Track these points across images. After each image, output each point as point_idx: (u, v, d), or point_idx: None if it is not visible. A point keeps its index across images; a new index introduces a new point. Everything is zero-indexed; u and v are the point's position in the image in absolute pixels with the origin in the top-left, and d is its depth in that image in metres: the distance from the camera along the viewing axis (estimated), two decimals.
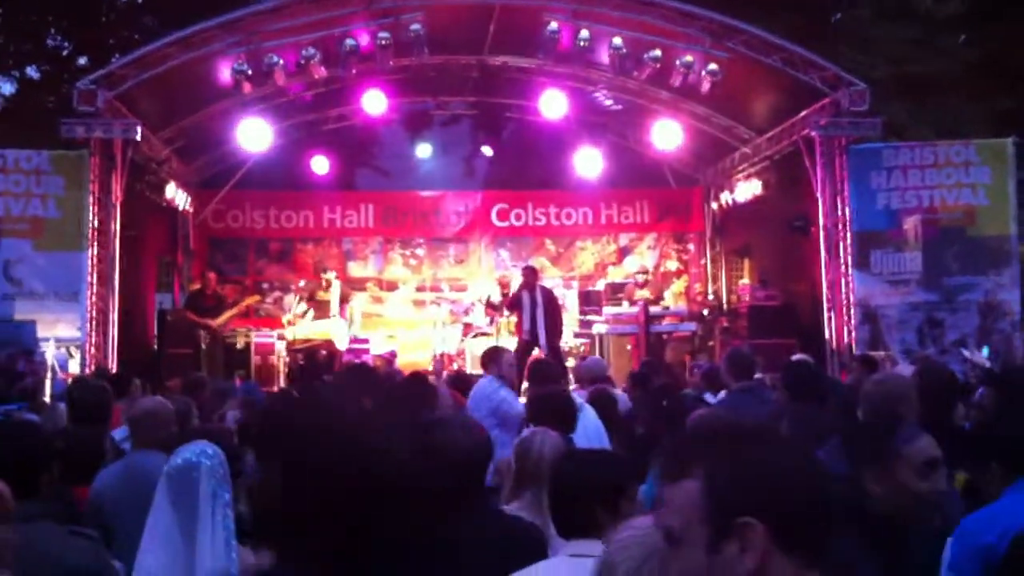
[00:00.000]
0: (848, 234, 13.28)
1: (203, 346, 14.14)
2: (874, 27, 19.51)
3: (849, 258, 13.27)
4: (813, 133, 13.37)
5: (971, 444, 4.13)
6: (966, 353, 10.72)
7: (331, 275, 15.42)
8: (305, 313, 15.02)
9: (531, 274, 13.71)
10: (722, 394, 7.14)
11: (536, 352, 12.46)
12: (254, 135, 14.71)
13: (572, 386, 9.34)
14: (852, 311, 13.19)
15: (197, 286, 16.03)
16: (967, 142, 13.82)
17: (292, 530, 1.88)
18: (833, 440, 3.86)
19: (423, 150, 17.74)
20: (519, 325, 13.38)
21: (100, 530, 4.25)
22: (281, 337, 15.05)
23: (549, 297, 13.48)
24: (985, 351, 11.07)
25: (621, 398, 7.39)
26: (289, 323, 15.06)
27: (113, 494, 4.49)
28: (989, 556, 2.86)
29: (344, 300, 15.36)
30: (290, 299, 16.38)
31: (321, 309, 14.98)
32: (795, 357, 8.08)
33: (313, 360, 14.28)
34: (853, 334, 13.11)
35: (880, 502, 2.97)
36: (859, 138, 13.35)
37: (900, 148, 13.77)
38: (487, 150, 17.84)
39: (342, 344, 14.88)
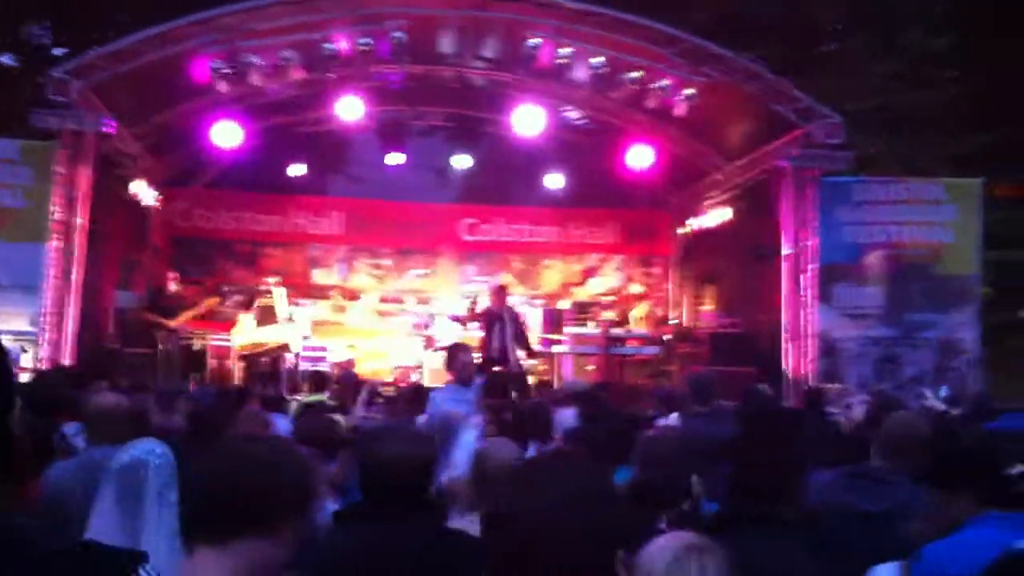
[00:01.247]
0: (812, 266, 13.36)
1: (160, 347, 13.95)
2: (861, 60, 19.72)
3: (812, 290, 13.34)
4: (784, 163, 13.47)
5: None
6: (927, 393, 10.81)
7: (273, 280, 15.26)
8: (242, 321, 14.82)
9: (501, 293, 13.70)
10: (674, 416, 7.16)
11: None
12: (226, 134, 14.63)
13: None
14: (811, 342, 13.27)
15: (158, 285, 15.88)
16: (937, 180, 14.03)
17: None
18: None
19: (396, 159, 17.69)
20: (486, 343, 13.18)
21: (56, 524, 4.20)
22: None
23: (517, 317, 13.45)
24: (943, 391, 11.15)
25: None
26: (232, 329, 14.89)
27: (68, 489, 4.43)
28: None
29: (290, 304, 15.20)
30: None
31: (266, 315, 14.76)
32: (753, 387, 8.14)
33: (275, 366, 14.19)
34: (811, 365, 13.18)
35: None
36: (830, 171, 13.46)
37: (870, 183, 13.91)
38: (463, 160, 17.77)
39: (295, 349, 14.79)
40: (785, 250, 13.51)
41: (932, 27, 19.60)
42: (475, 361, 7.99)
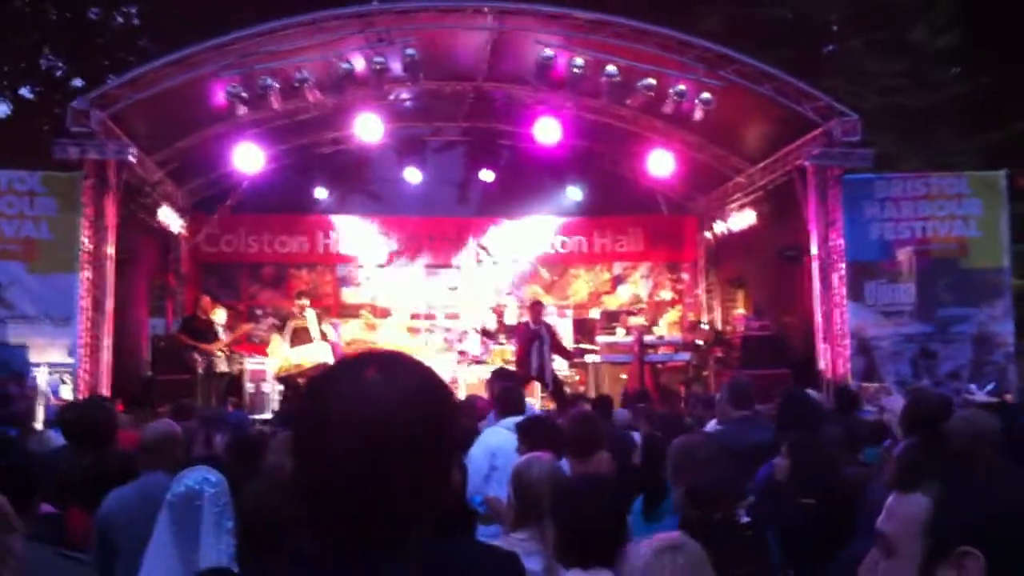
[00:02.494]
0: (842, 264, 13.27)
1: (199, 371, 13.95)
2: (866, 59, 19.62)
3: (843, 289, 13.25)
4: (806, 163, 13.41)
5: None
6: (973, 389, 10.69)
7: (305, 301, 15.22)
8: (278, 345, 14.81)
9: (537, 309, 13.81)
10: (712, 422, 7.11)
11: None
12: (248, 158, 14.70)
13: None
14: (845, 342, 13.17)
15: (190, 311, 15.90)
16: (959, 174, 13.89)
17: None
18: None
19: (417, 175, 17.70)
20: (522, 358, 13.30)
21: (106, 551, 4.21)
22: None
23: (553, 333, 13.66)
24: (989, 386, 11.02)
25: (620, 413, 7.32)
26: (271, 353, 14.86)
27: (122, 517, 4.42)
28: None
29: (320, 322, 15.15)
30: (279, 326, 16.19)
31: (300, 336, 14.75)
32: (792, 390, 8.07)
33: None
34: (847, 365, 13.08)
35: None
36: (852, 168, 13.37)
37: (892, 179, 13.80)
38: (487, 174, 17.79)
39: None
40: (813, 250, 13.42)
41: (936, 25, 19.49)
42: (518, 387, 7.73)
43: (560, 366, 15.48)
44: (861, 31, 19.83)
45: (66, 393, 11.85)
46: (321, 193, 17.17)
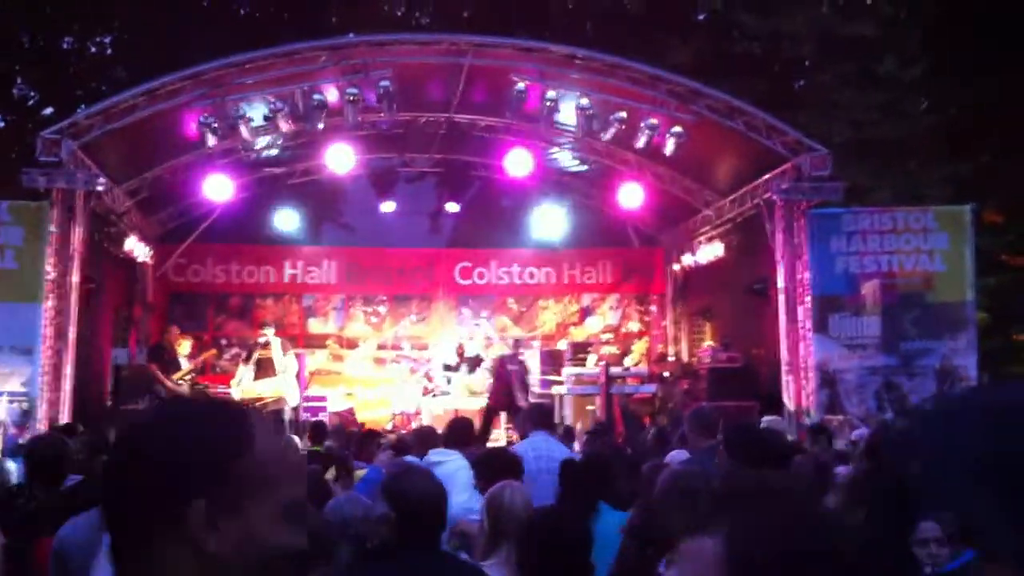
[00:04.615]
0: (808, 297, 13.38)
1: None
2: (836, 92, 19.86)
3: (808, 322, 13.36)
4: (774, 197, 13.54)
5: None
6: None
7: (269, 329, 15.12)
8: (242, 375, 14.70)
9: (518, 347, 14.78)
10: (673, 453, 7.12)
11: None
12: (217, 187, 14.67)
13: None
14: (810, 375, 13.26)
15: (156, 340, 15.79)
16: (925, 208, 14.06)
17: None
18: None
19: (388, 206, 17.72)
20: (498, 391, 14.08)
21: None
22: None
23: (525, 369, 14.44)
24: None
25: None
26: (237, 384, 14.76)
27: (76, 545, 4.38)
28: None
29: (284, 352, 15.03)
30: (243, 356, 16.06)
31: (264, 367, 14.64)
32: (766, 419, 8.12)
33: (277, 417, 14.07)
34: (811, 398, 13.16)
35: None
36: (820, 203, 13.52)
37: (860, 213, 13.95)
38: (452, 206, 17.89)
39: (293, 401, 14.63)
40: (780, 283, 13.53)
41: (905, 57, 19.77)
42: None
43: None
44: (831, 64, 20.08)
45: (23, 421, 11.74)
46: (290, 223, 17.11)
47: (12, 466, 6.35)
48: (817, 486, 6.19)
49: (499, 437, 14.06)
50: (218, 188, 14.73)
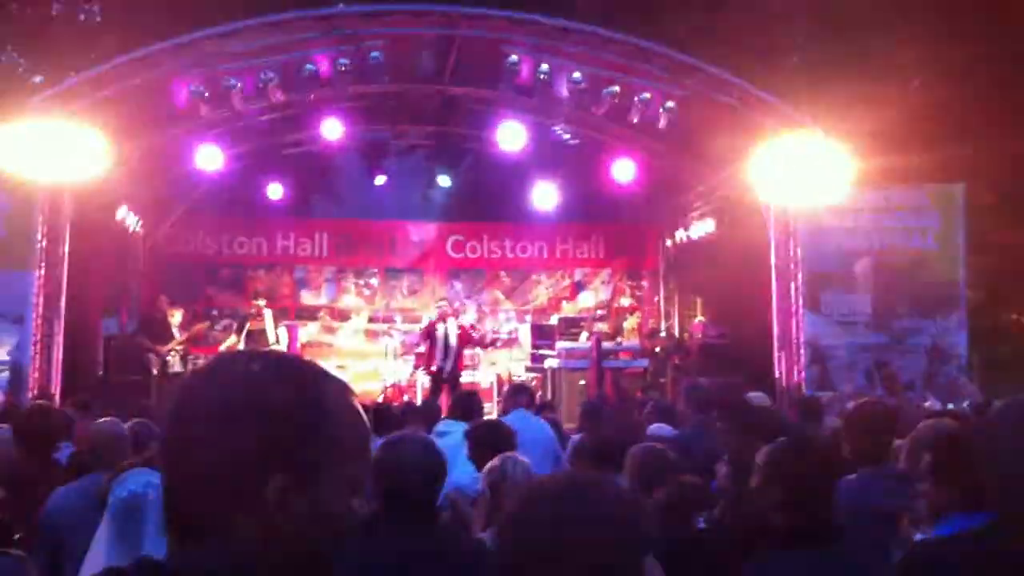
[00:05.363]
0: (799, 274, 13.38)
1: (154, 372, 13.80)
2: (828, 72, 19.75)
3: (800, 298, 13.36)
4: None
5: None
6: (929, 399, 10.81)
7: (261, 301, 15.07)
8: (234, 346, 14.63)
9: (448, 308, 14.71)
10: (655, 426, 7.14)
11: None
12: (208, 158, 14.59)
13: None
14: (802, 351, 13.27)
15: (147, 311, 15.74)
16: (918, 186, 14.04)
17: None
18: None
19: (380, 179, 17.66)
20: (429, 356, 14.27)
21: (52, 551, 4.16)
22: None
23: (464, 333, 14.48)
24: (967, 401, 11.11)
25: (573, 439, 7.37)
26: None
27: (67, 515, 4.38)
28: None
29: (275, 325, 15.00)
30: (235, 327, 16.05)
31: (256, 338, 14.58)
32: (751, 395, 8.10)
33: None
34: (802, 374, 13.18)
35: None
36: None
37: (853, 191, 13.92)
38: (444, 180, 17.85)
39: None
40: (772, 259, 13.52)
41: (895, 39, 19.65)
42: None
43: (518, 370, 15.68)
44: (821, 44, 19.97)
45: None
46: (280, 193, 17.03)
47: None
48: None
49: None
50: (209, 158, 14.64)
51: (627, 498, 1.81)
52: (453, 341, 14.22)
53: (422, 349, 16.10)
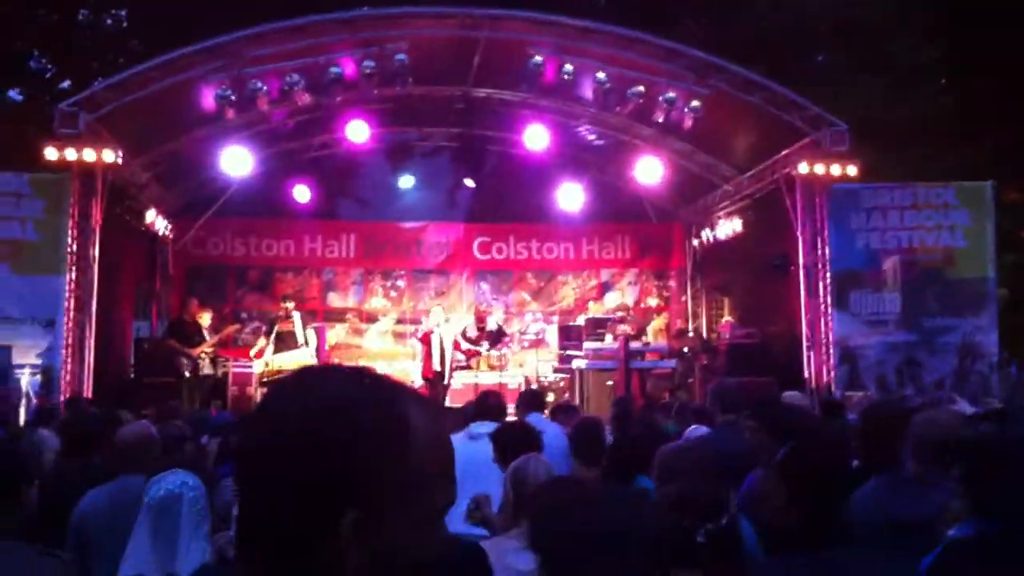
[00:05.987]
0: (827, 274, 13.32)
1: (185, 375, 13.88)
2: (851, 73, 19.68)
3: (828, 297, 13.30)
4: (793, 172, 13.44)
5: None
6: (956, 398, 10.68)
7: (290, 303, 15.12)
8: (264, 348, 14.70)
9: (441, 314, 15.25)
10: (697, 428, 7.09)
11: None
12: (236, 161, 14.67)
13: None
14: (831, 351, 13.20)
15: (177, 314, 15.83)
16: (946, 184, 13.92)
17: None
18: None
19: (405, 181, 17.71)
20: (428, 359, 14.67)
21: (82, 552, 4.20)
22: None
23: (455, 343, 15.02)
24: (994, 401, 10.99)
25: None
26: (256, 355, 14.79)
27: (98, 517, 4.42)
28: None
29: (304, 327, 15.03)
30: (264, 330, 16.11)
31: (285, 340, 14.65)
32: (787, 394, 8.07)
33: None
34: (832, 374, 13.11)
35: None
36: (839, 178, 13.41)
37: (879, 189, 13.84)
38: (469, 182, 17.88)
39: None
40: (799, 259, 13.46)
41: (918, 38, 19.52)
42: None
43: (545, 371, 15.68)
44: (844, 45, 19.89)
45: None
46: (307, 195, 17.11)
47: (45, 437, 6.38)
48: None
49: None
50: (236, 162, 14.72)
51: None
52: (448, 347, 14.65)
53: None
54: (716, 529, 3.66)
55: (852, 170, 13.33)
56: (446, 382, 14.65)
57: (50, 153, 12.34)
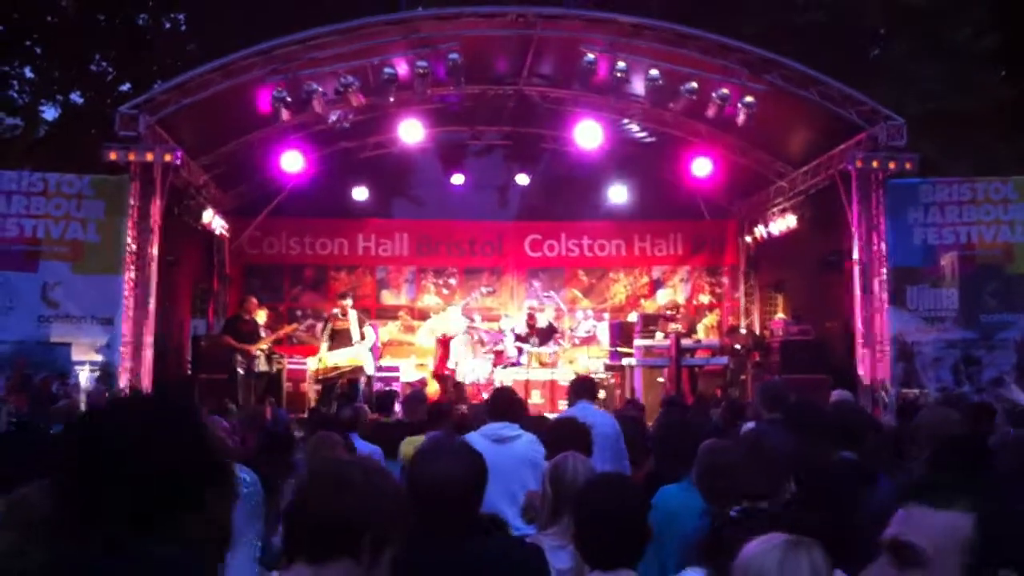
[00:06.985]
0: (884, 270, 13.17)
1: (240, 372, 14.08)
2: (909, 64, 19.38)
3: (885, 294, 13.15)
4: (850, 168, 13.29)
5: None
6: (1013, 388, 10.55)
7: (348, 301, 15.23)
8: (312, 345, 14.95)
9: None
10: (746, 425, 7.06)
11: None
12: (291, 162, 14.89)
13: None
14: (886, 348, 13.05)
15: (234, 312, 16.05)
16: (1005, 179, 13.69)
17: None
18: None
19: (458, 179, 17.80)
20: (442, 362, 15.41)
21: None
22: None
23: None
24: None
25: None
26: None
27: None
28: None
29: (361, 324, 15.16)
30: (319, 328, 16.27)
31: (341, 337, 14.78)
32: (836, 393, 8.01)
33: (351, 388, 14.26)
34: (888, 371, 12.97)
35: None
36: (896, 173, 13.25)
37: (937, 184, 13.64)
38: (522, 179, 17.90)
39: (369, 371, 14.79)
40: (855, 254, 13.32)
41: (978, 28, 19.14)
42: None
43: (597, 367, 15.66)
44: (901, 36, 19.58)
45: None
46: (361, 195, 17.29)
47: None
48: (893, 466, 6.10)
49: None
50: (291, 162, 14.94)
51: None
52: (465, 348, 15.48)
53: (501, 347, 16.21)
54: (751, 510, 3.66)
55: (909, 165, 13.15)
56: (463, 380, 15.16)
57: (111, 155, 12.59)
